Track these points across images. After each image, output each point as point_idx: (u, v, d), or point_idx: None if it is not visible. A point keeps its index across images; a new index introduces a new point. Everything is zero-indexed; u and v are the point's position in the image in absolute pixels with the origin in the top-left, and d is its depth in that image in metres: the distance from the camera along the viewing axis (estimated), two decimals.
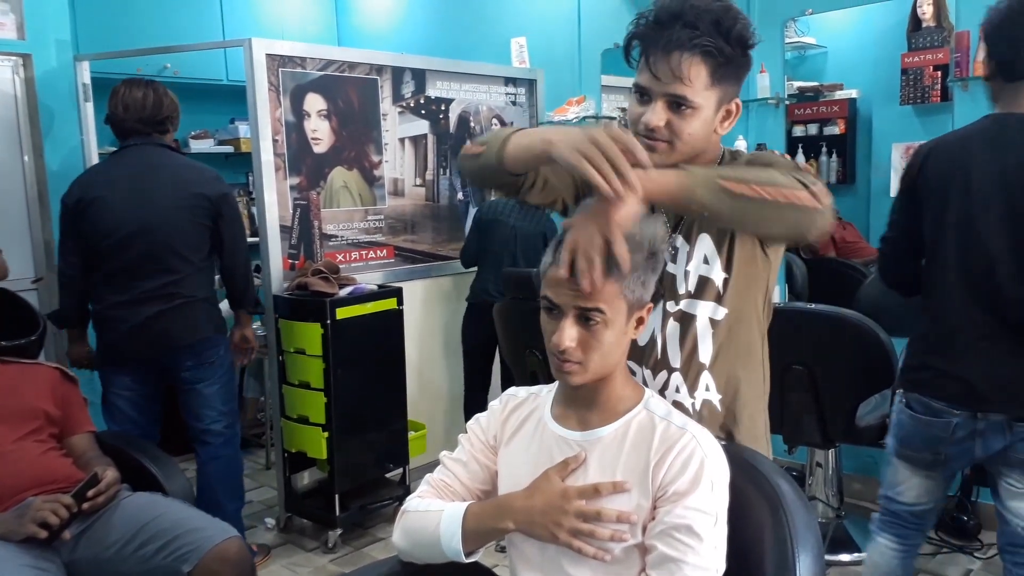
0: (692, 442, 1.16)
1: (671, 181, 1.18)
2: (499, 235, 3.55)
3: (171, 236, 2.69)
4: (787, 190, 1.16)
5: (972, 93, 2.93)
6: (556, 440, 1.25)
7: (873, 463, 3.40)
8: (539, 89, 4.28)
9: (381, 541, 3.25)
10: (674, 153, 1.31)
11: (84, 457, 2.16)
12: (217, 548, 1.90)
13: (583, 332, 1.16)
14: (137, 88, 2.77)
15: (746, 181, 1.16)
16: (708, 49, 1.24)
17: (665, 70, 1.26)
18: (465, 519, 1.23)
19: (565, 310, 1.16)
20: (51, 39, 3.60)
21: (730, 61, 1.27)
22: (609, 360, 1.19)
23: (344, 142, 3.47)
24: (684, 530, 1.12)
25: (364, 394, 3.19)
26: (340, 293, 3.12)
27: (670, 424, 1.20)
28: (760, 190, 1.15)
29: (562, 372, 1.19)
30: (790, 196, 1.15)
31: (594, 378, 1.20)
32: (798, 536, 1.19)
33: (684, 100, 1.27)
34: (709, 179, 1.17)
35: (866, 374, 2.73)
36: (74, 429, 2.22)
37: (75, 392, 2.28)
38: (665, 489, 1.15)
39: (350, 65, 3.47)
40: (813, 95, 3.78)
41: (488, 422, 1.35)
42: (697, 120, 1.29)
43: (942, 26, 3.29)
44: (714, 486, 1.14)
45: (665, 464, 1.15)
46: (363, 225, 3.58)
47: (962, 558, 2.93)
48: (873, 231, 3.73)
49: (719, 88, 1.28)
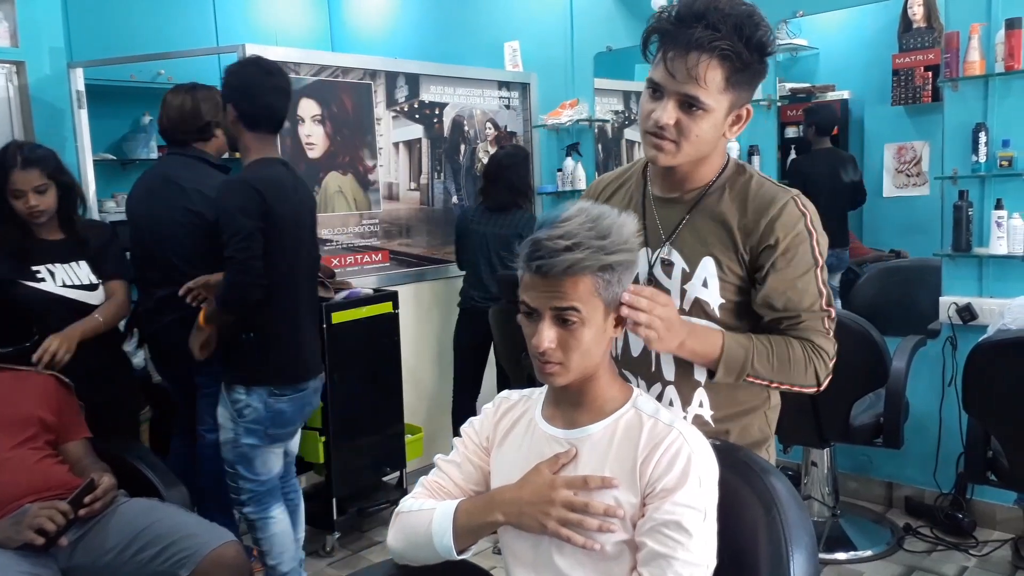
0: (679, 439, 1.17)
1: (707, 350, 1.32)
2: (471, 243, 3.59)
3: (170, 250, 2.61)
4: (798, 383, 1.36)
5: (962, 93, 2.96)
6: (546, 439, 1.27)
7: (868, 462, 3.41)
8: (532, 93, 4.29)
9: (378, 545, 3.25)
10: (679, 153, 1.31)
11: (80, 463, 2.16)
12: (214, 552, 1.90)
13: (561, 332, 1.17)
14: (176, 95, 2.74)
15: (770, 378, 1.34)
16: (727, 53, 1.24)
17: (681, 69, 1.26)
18: (456, 515, 1.23)
19: (542, 312, 1.17)
20: (45, 46, 3.60)
21: (747, 67, 1.27)
22: (589, 359, 1.20)
23: (338, 147, 3.47)
24: (673, 526, 1.13)
25: (360, 398, 3.19)
26: (336, 297, 3.12)
27: (657, 421, 1.21)
28: (774, 383, 1.36)
29: (544, 374, 1.20)
30: (795, 387, 1.37)
31: (577, 378, 1.21)
32: (792, 535, 1.20)
33: (696, 101, 1.27)
34: (740, 371, 1.32)
35: (860, 374, 2.74)
36: (70, 435, 2.22)
37: (71, 398, 2.28)
38: (653, 486, 1.15)
39: (344, 70, 3.48)
40: (805, 96, 3.80)
41: (481, 424, 1.36)
42: (707, 122, 1.29)
43: (932, 27, 3.31)
44: (702, 482, 1.15)
45: (652, 461, 1.16)
46: (358, 229, 3.58)
47: (957, 555, 2.94)
48: (866, 231, 3.76)
49: (733, 93, 1.29)
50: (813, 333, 1.34)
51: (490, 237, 3.54)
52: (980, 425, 2.62)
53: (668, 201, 1.42)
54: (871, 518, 3.27)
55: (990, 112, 2.91)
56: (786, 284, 1.32)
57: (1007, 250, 2.85)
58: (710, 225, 1.37)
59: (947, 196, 3.03)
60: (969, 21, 2.90)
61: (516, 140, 4.26)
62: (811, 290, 1.33)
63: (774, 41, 1.30)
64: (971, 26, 2.88)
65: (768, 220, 1.32)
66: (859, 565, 2.94)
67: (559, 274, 1.13)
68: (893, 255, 3.63)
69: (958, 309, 2.99)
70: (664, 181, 1.42)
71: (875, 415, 2.85)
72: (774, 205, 1.32)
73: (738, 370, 1.31)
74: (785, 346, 1.33)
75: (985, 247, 2.92)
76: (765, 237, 1.32)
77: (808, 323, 1.34)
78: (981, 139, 2.89)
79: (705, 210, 1.38)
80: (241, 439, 2.41)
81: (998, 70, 2.85)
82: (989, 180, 2.93)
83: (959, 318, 2.99)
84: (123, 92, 4.04)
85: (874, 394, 2.88)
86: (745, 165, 1.42)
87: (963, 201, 2.95)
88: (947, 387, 3.08)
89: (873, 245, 3.71)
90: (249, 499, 2.48)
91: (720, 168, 1.40)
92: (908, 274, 3.52)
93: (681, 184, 1.40)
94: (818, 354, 1.34)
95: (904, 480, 3.34)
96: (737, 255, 1.35)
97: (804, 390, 1.36)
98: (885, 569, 2.90)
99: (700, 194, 1.39)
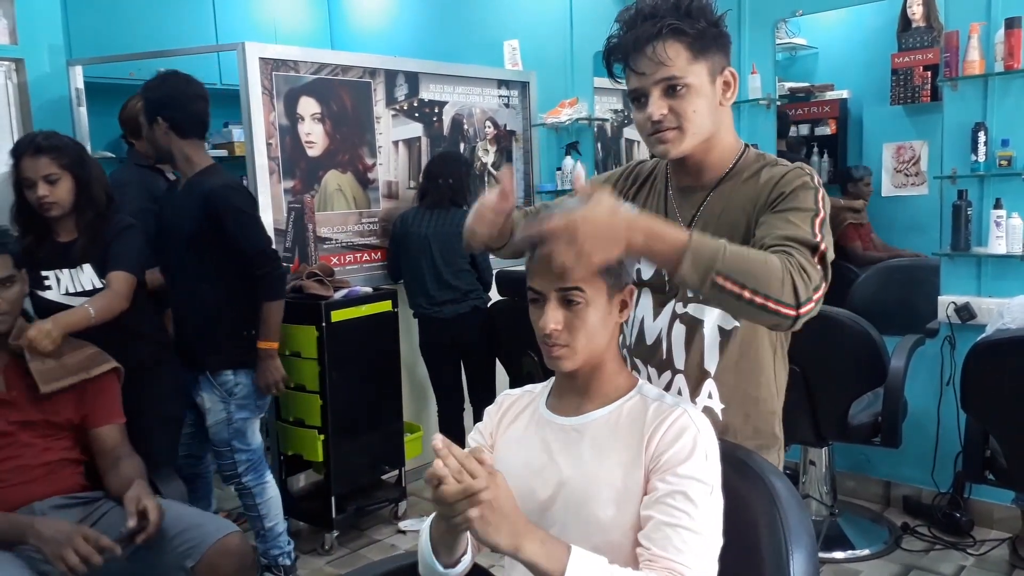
0: (684, 415, 1.18)
1: (673, 236, 1.12)
2: (412, 246, 3.40)
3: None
4: (773, 296, 1.13)
5: (962, 92, 2.96)
6: (550, 426, 1.27)
7: (866, 461, 3.42)
8: (532, 91, 4.29)
9: (377, 543, 3.26)
10: (685, 138, 1.32)
11: (111, 456, 2.08)
12: (220, 542, 1.91)
13: (567, 314, 1.18)
14: (135, 98, 2.81)
15: (742, 282, 1.12)
16: (674, 27, 1.27)
17: (645, 63, 1.29)
18: (431, 528, 1.19)
19: (547, 295, 1.19)
20: (44, 44, 3.59)
21: (703, 34, 1.29)
22: (596, 342, 1.20)
23: (338, 145, 3.47)
24: (679, 497, 1.12)
25: (360, 396, 3.19)
26: (335, 296, 3.13)
27: (662, 403, 1.22)
28: (747, 293, 1.12)
29: (552, 358, 1.21)
30: (770, 303, 1.13)
31: (584, 362, 1.21)
32: (792, 534, 1.20)
33: (674, 79, 1.29)
34: (709, 264, 1.11)
35: (859, 372, 2.75)
36: (101, 420, 2.11)
37: (109, 381, 2.16)
38: (658, 459, 1.16)
39: (343, 68, 3.47)
40: (804, 96, 3.80)
41: (486, 424, 1.37)
42: (696, 96, 1.30)
43: (931, 26, 3.32)
44: (708, 456, 1.16)
45: (658, 435, 1.17)
46: (357, 228, 3.58)
47: (955, 555, 2.95)
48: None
49: (704, 60, 1.30)
50: (795, 252, 1.18)
51: (432, 237, 3.37)
52: (978, 424, 2.62)
53: (687, 190, 1.43)
54: (869, 517, 3.28)
55: (989, 111, 2.91)
56: (781, 219, 1.25)
57: (1006, 249, 2.86)
58: (727, 209, 1.37)
59: (946, 195, 3.03)
60: (968, 20, 2.90)
61: (516, 138, 4.27)
62: (805, 228, 1.22)
63: (713, 5, 1.32)
64: (971, 25, 2.88)
65: (775, 182, 1.31)
66: (857, 564, 2.94)
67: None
68: (913, 255, 3.59)
69: (957, 308, 3.00)
70: (682, 174, 1.43)
71: (873, 414, 2.86)
72: (781, 170, 1.33)
73: (706, 263, 1.11)
74: (762, 253, 1.18)
75: (984, 246, 2.93)
76: (770, 195, 1.30)
77: (792, 246, 1.19)
78: (980, 138, 2.89)
79: (723, 195, 1.38)
80: (234, 415, 2.66)
81: (997, 69, 2.85)
82: (988, 179, 2.94)
83: (958, 317, 2.99)
84: (122, 90, 4.01)
85: (872, 393, 2.89)
86: (765, 154, 1.41)
87: (962, 200, 2.96)
88: (945, 386, 3.08)
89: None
90: (246, 469, 2.72)
91: (735, 154, 1.40)
92: (907, 273, 3.53)
93: (698, 175, 1.41)
94: (801, 273, 1.15)
95: (902, 479, 3.34)
96: (749, 233, 1.31)
97: (780, 308, 1.13)
98: (883, 568, 2.91)
99: (717, 182, 1.40)
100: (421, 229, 3.41)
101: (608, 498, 1.18)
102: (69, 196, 2.30)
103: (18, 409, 2.00)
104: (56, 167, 2.26)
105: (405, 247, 3.46)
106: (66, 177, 2.29)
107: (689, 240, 1.12)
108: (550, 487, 1.22)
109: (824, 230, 1.24)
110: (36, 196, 2.26)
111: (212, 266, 2.57)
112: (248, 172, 3.20)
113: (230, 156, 4.62)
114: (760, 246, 1.22)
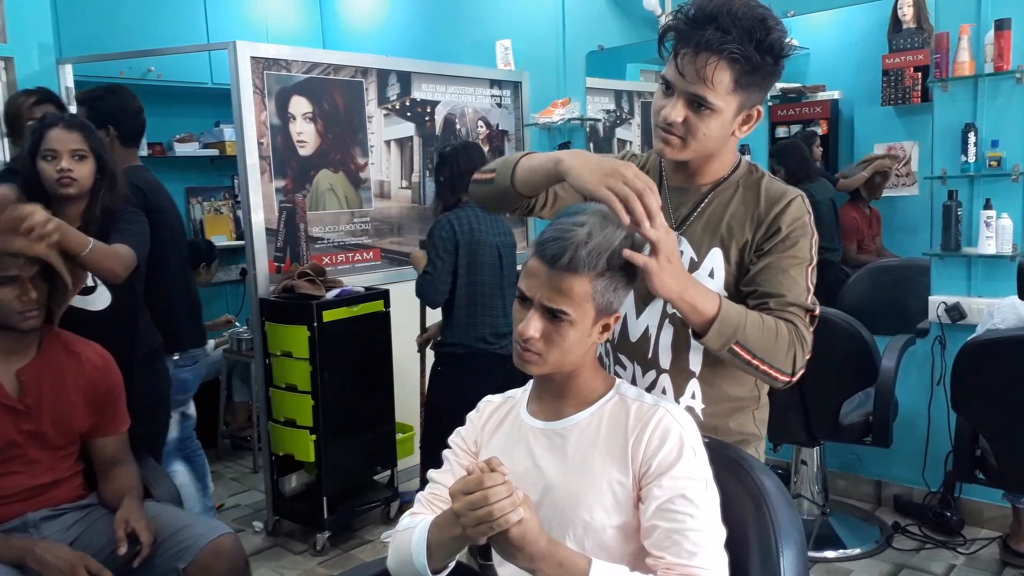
0: (666, 416, 1.19)
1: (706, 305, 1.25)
2: (488, 260, 2.83)
3: None
4: (776, 366, 1.29)
5: (952, 94, 2.97)
6: (532, 432, 1.27)
7: (857, 460, 3.43)
8: (524, 91, 4.29)
9: (369, 543, 3.25)
10: (687, 149, 1.34)
11: (110, 469, 2.06)
12: (212, 543, 1.90)
13: (548, 326, 1.18)
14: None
15: (754, 352, 1.27)
16: (735, 56, 1.25)
17: (691, 69, 1.28)
18: (429, 532, 1.19)
19: (534, 302, 1.19)
20: (33, 42, 3.58)
21: (757, 69, 1.28)
22: (568, 358, 1.21)
23: (330, 144, 3.46)
24: (679, 500, 1.13)
25: (351, 396, 3.19)
26: (326, 296, 3.12)
27: (642, 403, 1.22)
28: (755, 360, 1.29)
29: (521, 359, 1.22)
30: (772, 371, 1.29)
31: (551, 371, 1.22)
32: (781, 532, 1.20)
33: (704, 101, 1.29)
34: (731, 336, 1.26)
35: (850, 372, 2.76)
36: (107, 431, 2.07)
37: (118, 389, 2.11)
38: (648, 464, 1.16)
39: (335, 68, 3.47)
40: (796, 96, 3.81)
41: (468, 431, 1.36)
42: (715, 121, 1.31)
43: (922, 27, 3.33)
44: (696, 452, 1.17)
45: (644, 440, 1.17)
46: (349, 227, 3.58)
47: (946, 553, 2.96)
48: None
49: (742, 94, 1.30)
50: (798, 322, 1.33)
51: (502, 248, 2.82)
52: (968, 424, 2.63)
53: (681, 191, 1.45)
54: (860, 516, 3.29)
55: (979, 112, 2.92)
56: (780, 268, 1.34)
57: (996, 250, 2.87)
58: (722, 218, 1.39)
59: (936, 196, 3.05)
60: (959, 22, 2.92)
61: (508, 138, 4.26)
62: (801, 283, 1.34)
63: (789, 44, 1.31)
64: (961, 27, 2.90)
65: (778, 211, 1.36)
66: (848, 563, 2.95)
67: (562, 267, 1.14)
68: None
69: (947, 308, 3.01)
70: (677, 173, 1.46)
71: (864, 414, 2.87)
72: (784, 199, 1.37)
73: (730, 333, 1.26)
74: (774, 323, 1.30)
75: (974, 247, 2.94)
76: (773, 226, 1.36)
77: (794, 313, 1.33)
78: (970, 139, 2.91)
79: (718, 203, 1.41)
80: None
81: (987, 71, 2.87)
82: (978, 180, 2.95)
83: (948, 317, 3.01)
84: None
85: (863, 393, 2.90)
86: (757, 165, 1.45)
87: (952, 201, 2.97)
88: (936, 386, 3.09)
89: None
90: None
91: (732, 165, 1.43)
92: (897, 273, 3.54)
93: (693, 177, 1.43)
94: (800, 341, 1.30)
95: (893, 478, 3.35)
96: (744, 248, 1.37)
97: (779, 376, 1.30)
98: (874, 567, 2.92)
99: (713, 187, 1.42)
100: (489, 237, 2.79)
101: (595, 501, 1.18)
102: (90, 179, 2.22)
103: (30, 419, 1.95)
104: (86, 145, 2.19)
105: (476, 261, 2.76)
106: (92, 159, 2.21)
107: (718, 312, 1.25)
108: (536, 493, 1.22)
109: (813, 279, 1.37)
110: (58, 167, 2.16)
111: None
112: (239, 171, 3.19)
113: (221, 155, 4.61)
114: (759, 304, 1.33)
